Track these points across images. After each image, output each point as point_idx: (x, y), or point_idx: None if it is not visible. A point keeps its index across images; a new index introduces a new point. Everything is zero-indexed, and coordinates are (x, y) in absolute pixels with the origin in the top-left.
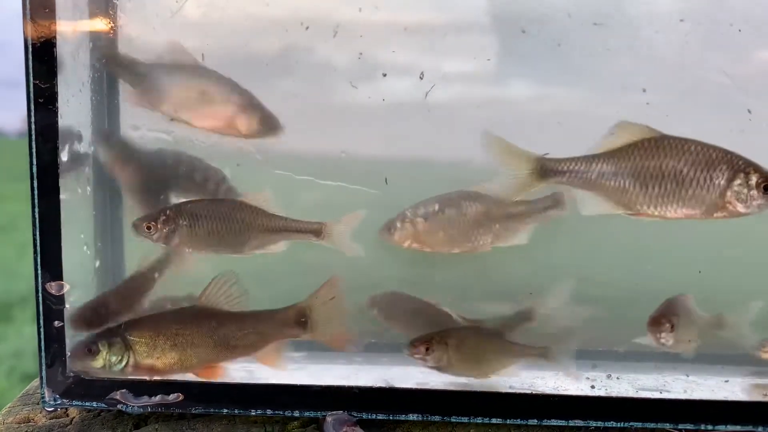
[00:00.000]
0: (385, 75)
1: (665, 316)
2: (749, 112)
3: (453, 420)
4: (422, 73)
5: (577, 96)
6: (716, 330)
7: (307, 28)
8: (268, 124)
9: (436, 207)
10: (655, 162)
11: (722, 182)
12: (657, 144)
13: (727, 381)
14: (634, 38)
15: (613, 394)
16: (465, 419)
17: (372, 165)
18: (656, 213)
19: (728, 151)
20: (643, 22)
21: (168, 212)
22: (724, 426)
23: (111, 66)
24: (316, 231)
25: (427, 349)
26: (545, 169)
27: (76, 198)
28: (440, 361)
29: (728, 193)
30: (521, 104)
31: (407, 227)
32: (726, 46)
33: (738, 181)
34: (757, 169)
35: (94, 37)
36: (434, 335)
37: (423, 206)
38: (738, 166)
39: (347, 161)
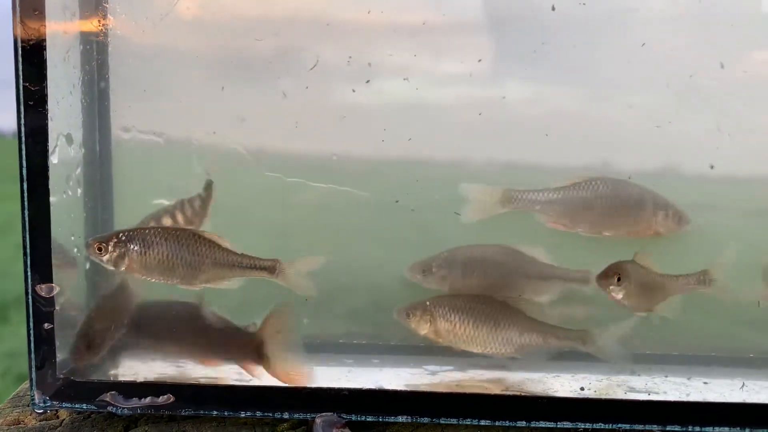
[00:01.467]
0: (368, 81)
1: (612, 270)
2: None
3: (442, 422)
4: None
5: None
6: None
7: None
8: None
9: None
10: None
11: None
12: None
13: (706, 383)
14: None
15: (602, 396)
16: (454, 421)
17: (365, 166)
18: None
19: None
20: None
21: (120, 236)
22: (711, 428)
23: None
24: (270, 268)
25: (618, 279)
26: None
27: (66, 200)
28: (626, 291)
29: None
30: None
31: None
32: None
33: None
34: None
35: (85, 38)
36: (619, 267)
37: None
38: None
39: (339, 163)
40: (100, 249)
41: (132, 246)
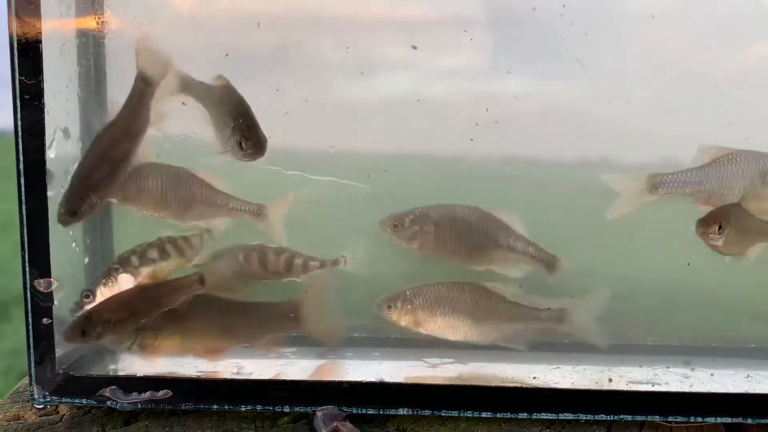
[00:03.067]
0: (362, 73)
1: (714, 217)
2: None
3: (443, 414)
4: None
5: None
6: None
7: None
8: None
9: None
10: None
11: None
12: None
13: (712, 375)
14: None
15: (604, 387)
16: (455, 413)
17: (366, 160)
18: None
19: None
20: None
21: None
22: (713, 418)
23: None
24: (255, 212)
25: (720, 228)
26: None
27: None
28: (726, 239)
29: None
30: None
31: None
32: None
33: None
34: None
35: (81, 32)
36: (722, 214)
37: None
38: None
39: (336, 157)
40: None
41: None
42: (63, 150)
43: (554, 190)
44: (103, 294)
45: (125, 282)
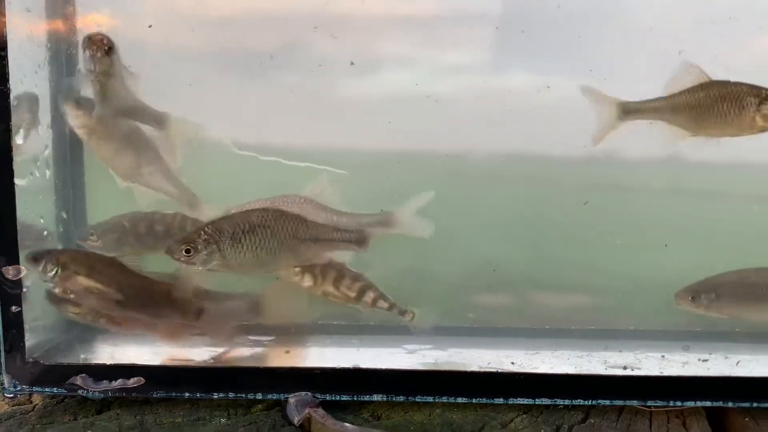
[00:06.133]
0: (352, 63)
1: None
2: None
3: (418, 400)
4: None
5: None
6: None
7: None
8: None
9: None
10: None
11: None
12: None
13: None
14: None
15: (582, 372)
16: (430, 398)
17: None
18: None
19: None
20: None
21: None
22: (693, 402)
23: None
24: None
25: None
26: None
27: (34, 181)
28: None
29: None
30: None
31: None
32: None
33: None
34: None
35: (51, 15)
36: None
37: None
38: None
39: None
40: None
41: None
42: (32, 137)
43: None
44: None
45: None
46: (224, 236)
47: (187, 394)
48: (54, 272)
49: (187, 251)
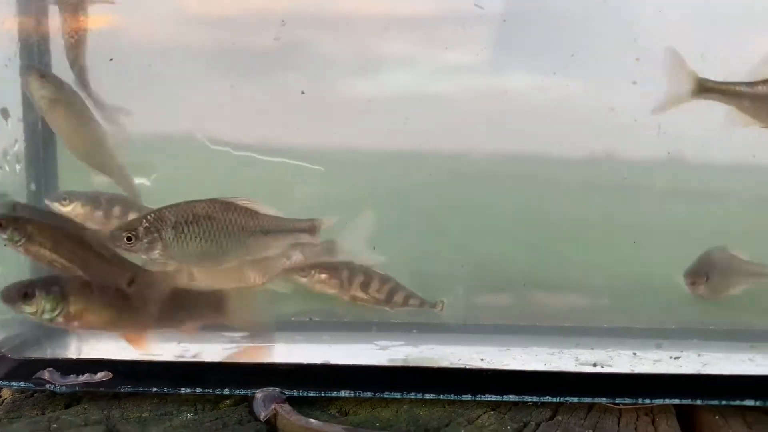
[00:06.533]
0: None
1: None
2: None
3: (386, 396)
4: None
5: None
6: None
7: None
8: None
9: None
10: None
11: None
12: None
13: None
14: None
15: (551, 369)
16: (397, 395)
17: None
18: None
19: None
20: None
21: None
22: (661, 400)
23: None
24: None
25: (707, 279)
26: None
27: (2, 175)
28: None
29: None
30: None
31: None
32: None
33: None
34: None
35: (22, 9)
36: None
37: None
38: None
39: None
40: None
41: None
42: (1, 130)
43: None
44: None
45: None
46: (166, 225)
47: (154, 389)
48: (19, 240)
49: (129, 238)
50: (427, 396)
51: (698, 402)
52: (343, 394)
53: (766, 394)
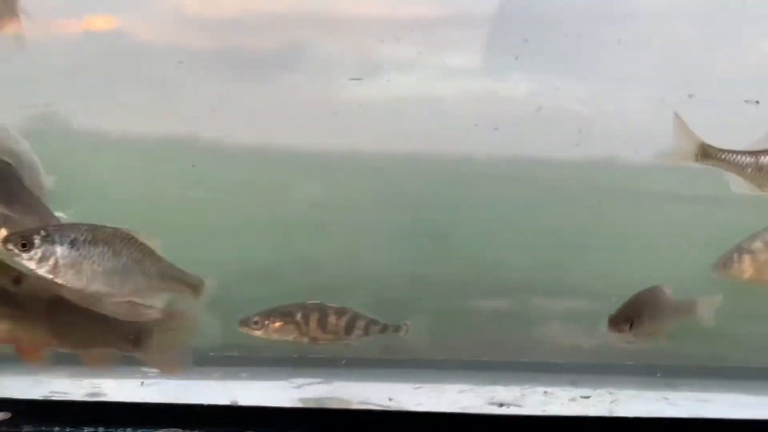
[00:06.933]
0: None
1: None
2: None
3: None
4: None
5: None
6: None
7: None
8: None
9: None
10: None
11: None
12: None
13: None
14: None
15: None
16: None
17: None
18: None
19: None
20: None
21: None
22: None
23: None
24: None
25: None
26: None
27: None
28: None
29: None
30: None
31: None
32: None
33: None
34: None
35: None
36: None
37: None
38: None
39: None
40: None
41: None
42: None
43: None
44: None
45: None
46: (64, 240)
47: (56, 429)
48: None
49: (23, 245)
50: None
51: None
52: None
53: None
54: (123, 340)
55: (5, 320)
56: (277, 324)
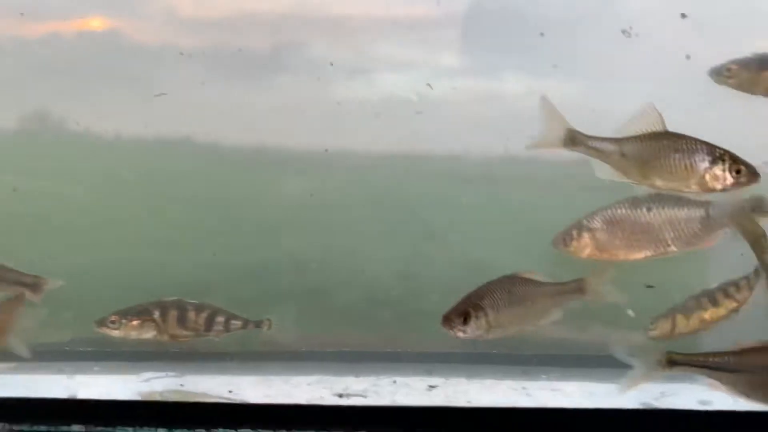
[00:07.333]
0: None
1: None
2: None
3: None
4: None
5: None
6: None
7: None
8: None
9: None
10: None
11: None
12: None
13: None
14: None
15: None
16: (130, 429)
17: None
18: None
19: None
20: None
21: None
22: None
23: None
24: None
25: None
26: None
27: None
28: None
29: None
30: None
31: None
32: None
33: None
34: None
35: None
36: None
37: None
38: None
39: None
40: None
41: None
42: None
43: None
44: None
45: None
46: None
47: None
48: None
49: None
50: (160, 430)
51: None
52: (75, 428)
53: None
54: None
55: None
56: (135, 322)
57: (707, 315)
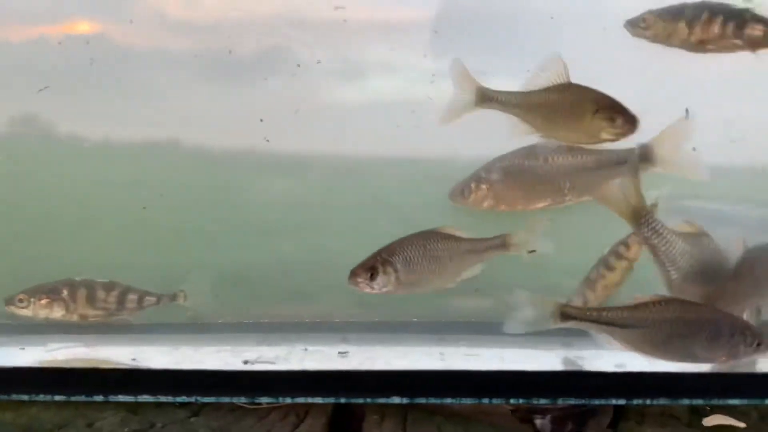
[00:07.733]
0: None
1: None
2: None
3: (15, 398)
4: None
5: None
6: None
7: None
8: None
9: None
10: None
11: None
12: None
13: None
14: None
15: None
16: (25, 397)
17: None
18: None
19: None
20: None
21: None
22: (303, 399)
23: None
24: None
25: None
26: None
27: None
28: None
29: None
30: None
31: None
32: None
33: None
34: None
35: None
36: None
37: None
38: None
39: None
40: None
41: None
42: None
43: None
44: None
45: None
46: None
47: None
48: None
49: None
50: (57, 398)
51: (341, 400)
52: None
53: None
54: None
55: None
56: (44, 301)
57: (609, 280)
